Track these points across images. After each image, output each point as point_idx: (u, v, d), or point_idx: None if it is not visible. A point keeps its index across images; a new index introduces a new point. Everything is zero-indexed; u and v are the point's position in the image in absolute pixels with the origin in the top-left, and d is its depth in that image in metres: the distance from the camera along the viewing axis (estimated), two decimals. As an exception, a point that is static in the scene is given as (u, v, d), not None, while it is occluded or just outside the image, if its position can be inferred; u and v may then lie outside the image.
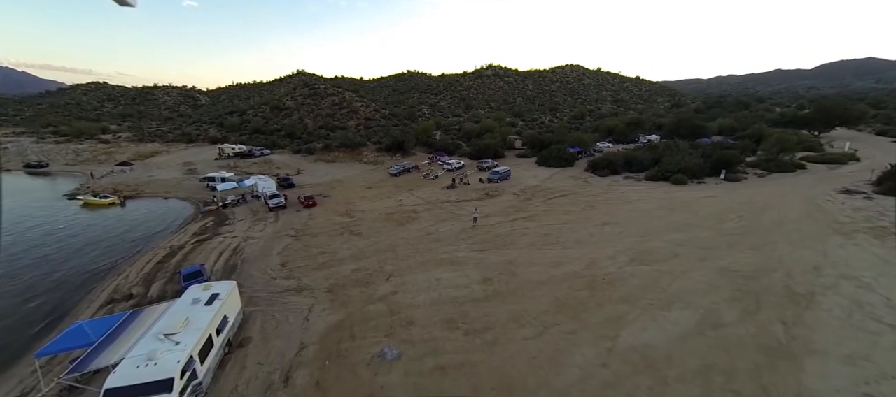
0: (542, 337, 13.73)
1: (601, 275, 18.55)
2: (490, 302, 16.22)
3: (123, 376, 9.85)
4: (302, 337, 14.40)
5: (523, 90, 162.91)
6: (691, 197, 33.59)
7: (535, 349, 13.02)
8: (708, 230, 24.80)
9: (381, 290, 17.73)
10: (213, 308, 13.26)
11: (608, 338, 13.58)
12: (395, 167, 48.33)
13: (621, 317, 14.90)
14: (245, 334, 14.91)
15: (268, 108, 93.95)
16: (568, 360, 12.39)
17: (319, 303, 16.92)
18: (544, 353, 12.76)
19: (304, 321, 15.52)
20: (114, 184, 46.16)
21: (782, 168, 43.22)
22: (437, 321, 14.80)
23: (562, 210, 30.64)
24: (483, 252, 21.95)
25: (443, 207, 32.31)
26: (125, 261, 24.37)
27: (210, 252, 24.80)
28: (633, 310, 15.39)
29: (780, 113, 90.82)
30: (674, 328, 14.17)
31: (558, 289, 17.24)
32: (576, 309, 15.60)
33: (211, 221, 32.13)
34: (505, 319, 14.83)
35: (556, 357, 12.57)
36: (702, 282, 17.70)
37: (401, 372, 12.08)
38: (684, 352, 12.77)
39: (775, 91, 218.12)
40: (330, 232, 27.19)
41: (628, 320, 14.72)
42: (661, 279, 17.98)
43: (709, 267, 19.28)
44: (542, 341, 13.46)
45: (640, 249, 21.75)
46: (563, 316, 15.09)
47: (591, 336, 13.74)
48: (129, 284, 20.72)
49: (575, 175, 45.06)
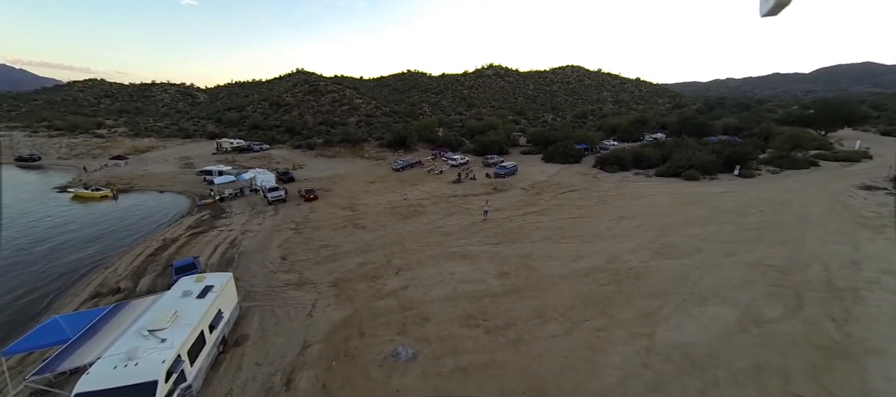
0: (571, 334, 12.44)
1: (625, 269, 17.30)
2: (509, 297, 14.92)
3: (97, 378, 8.43)
4: (305, 335, 13.05)
5: (524, 90, 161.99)
6: (706, 192, 32.49)
7: (565, 347, 11.72)
8: (729, 225, 23.61)
9: (390, 285, 16.39)
10: (205, 301, 11.89)
11: (644, 336, 12.30)
12: (398, 162, 47.00)
13: (654, 313, 13.64)
14: (242, 331, 13.54)
15: (267, 105, 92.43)
16: (604, 360, 11.09)
17: (323, 298, 15.57)
18: (576, 352, 11.47)
19: (307, 317, 14.17)
20: (107, 177, 44.71)
21: (796, 165, 42.35)
22: (454, 317, 13.48)
23: (574, 204, 29.41)
24: (496, 246, 20.65)
25: (450, 201, 31.01)
26: (114, 253, 22.91)
27: (205, 245, 23.39)
28: (666, 306, 14.13)
29: (785, 112, 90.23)
30: (713, 324, 12.92)
31: (581, 284, 15.96)
32: (603, 304, 14.32)
33: (207, 214, 30.71)
34: (527, 315, 13.53)
35: (590, 356, 11.27)
36: (734, 276, 16.47)
37: (418, 373, 10.75)
38: (730, 351, 11.51)
39: (773, 94, 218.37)
40: (332, 225, 25.83)
41: (662, 316, 13.45)
42: (690, 273, 16.74)
43: (738, 261, 18.07)
44: (572, 339, 12.17)
45: (661, 243, 20.54)
46: (591, 311, 13.80)
47: (625, 333, 12.46)
48: (118, 278, 19.28)
49: (583, 171, 43.97)
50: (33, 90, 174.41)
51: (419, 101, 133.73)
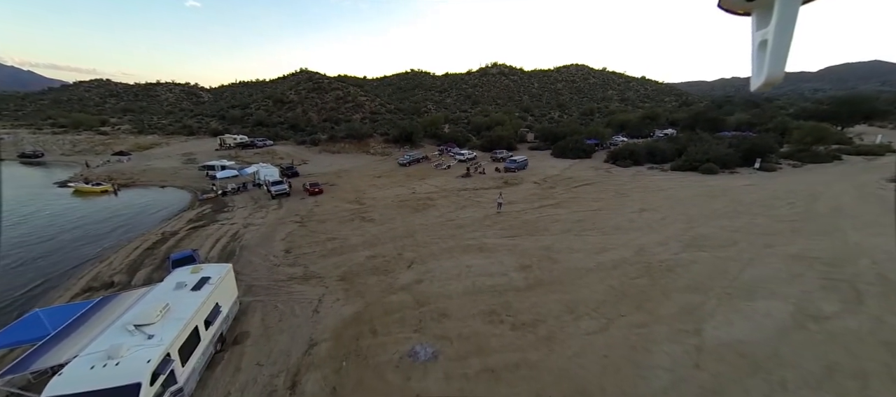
0: (607, 331, 11.12)
1: (656, 262, 15.95)
2: (534, 291, 13.61)
3: (71, 380, 7.20)
4: (311, 333, 11.82)
5: (529, 88, 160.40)
6: (728, 185, 31.01)
7: (603, 345, 10.40)
8: (760, 217, 22.16)
9: (402, 279, 15.14)
10: (201, 294, 10.69)
11: (689, 333, 10.96)
12: (404, 157, 45.81)
13: (696, 308, 12.28)
14: (242, 328, 12.34)
15: (271, 102, 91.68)
16: (649, 360, 9.77)
17: (331, 293, 14.36)
18: (616, 351, 10.15)
19: (313, 313, 12.95)
20: (109, 173, 44.01)
21: (818, 158, 40.74)
22: (476, 313, 12.19)
23: (590, 197, 28.04)
24: (513, 238, 19.35)
25: (460, 195, 29.74)
26: (111, 247, 21.88)
27: (206, 238, 22.30)
28: (708, 300, 12.77)
29: (798, 108, 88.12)
30: (766, 321, 11.54)
31: (610, 277, 14.63)
32: (638, 298, 12.98)
33: (208, 209, 29.71)
34: (557, 310, 12.22)
35: (632, 356, 9.95)
36: (778, 269, 15.06)
37: (439, 375, 9.47)
38: (792, 350, 10.15)
39: (780, 93, 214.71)
40: (339, 218, 24.65)
41: (706, 311, 12.09)
42: (728, 266, 15.35)
43: (778, 253, 16.65)
44: (610, 336, 10.85)
45: (691, 235, 19.15)
46: (626, 306, 12.47)
47: (668, 330, 11.13)
48: (112, 271, 18.20)
49: (595, 166, 42.60)
50: (40, 90, 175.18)
51: (423, 99, 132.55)
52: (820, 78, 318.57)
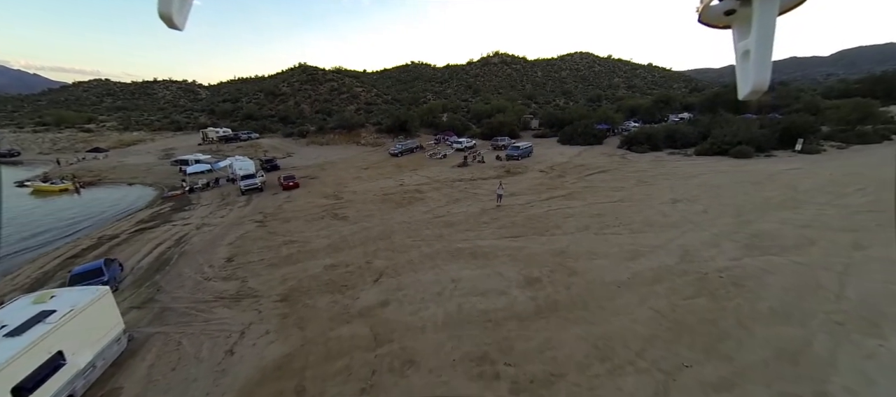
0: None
1: (712, 272, 11.65)
2: (546, 319, 9.44)
3: None
4: (208, 390, 7.84)
5: (532, 77, 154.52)
6: (770, 170, 26.35)
7: (666, 429, 6.25)
8: (828, 207, 17.63)
9: (363, 299, 11.07)
10: (19, 341, 6.73)
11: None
12: (396, 146, 41.63)
13: (801, 351, 8.02)
14: (115, 381, 8.40)
15: (263, 95, 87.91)
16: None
17: (262, 321, 10.36)
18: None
19: (225, 356, 8.95)
20: (83, 170, 40.73)
21: (865, 138, 35.73)
22: (459, 359, 8.08)
23: (608, 187, 23.64)
24: (517, 239, 15.15)
25: (454, 186, 25.53)
26: (28, 255, 18.16)
27: (145, 243, 18.48)
28: (814, 335, 8.50)
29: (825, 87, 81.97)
30: (918, 373, 7.26)
31: (653, 296, 10.39)
32: (702, 333, 8.75)
33: (168, 207, 26.04)
34: (581, 354, 8.06)
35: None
36: (889, 279, 10.68)
37: None
38: None
39: (792, 78, 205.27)
40: (307, 216, 20.66)
41: (820, 357, 7.82)
42: (820, 278, 11.00)
43: (876, 257, 12.21)
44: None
45: (748, 232, 14.76)
46: (686, 347, 8.26)
47: (769, 395, 6.91)
48: (13, 287, 14.48)
49: (607, 152, 38.06)
50: (39, 92, 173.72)
51: (423, 90, 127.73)
52: (833, 62, 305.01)
